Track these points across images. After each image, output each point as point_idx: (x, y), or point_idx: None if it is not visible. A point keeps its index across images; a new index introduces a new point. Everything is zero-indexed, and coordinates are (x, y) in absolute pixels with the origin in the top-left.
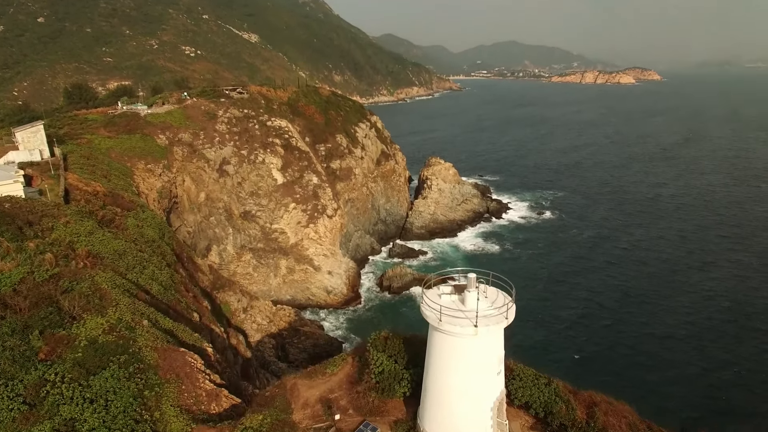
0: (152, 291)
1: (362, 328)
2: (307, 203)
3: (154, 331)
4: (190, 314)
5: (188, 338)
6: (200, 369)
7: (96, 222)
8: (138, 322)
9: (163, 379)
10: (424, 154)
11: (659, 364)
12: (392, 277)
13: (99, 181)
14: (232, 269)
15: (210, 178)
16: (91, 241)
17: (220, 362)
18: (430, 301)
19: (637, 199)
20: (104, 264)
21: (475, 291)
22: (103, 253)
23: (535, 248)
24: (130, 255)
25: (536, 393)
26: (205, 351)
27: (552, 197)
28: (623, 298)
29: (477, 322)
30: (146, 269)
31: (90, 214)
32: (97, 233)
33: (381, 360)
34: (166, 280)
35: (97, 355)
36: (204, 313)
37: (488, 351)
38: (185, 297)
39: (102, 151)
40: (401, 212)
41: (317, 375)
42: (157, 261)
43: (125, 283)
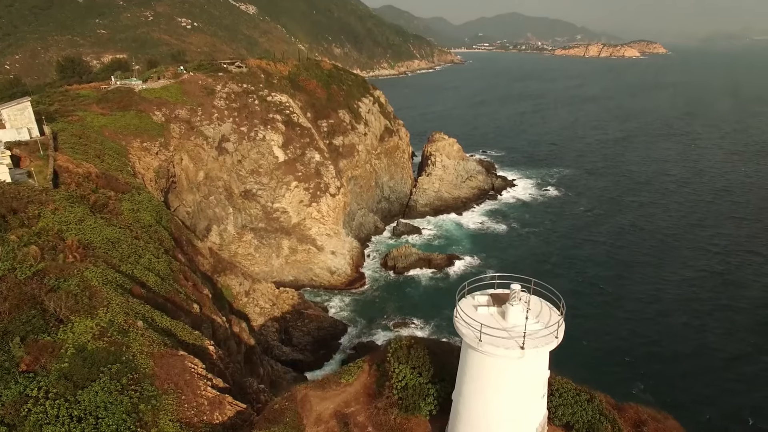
0: (149, 283)
1: (367, 310)
2: (309, 181)
3: (150, 334)
4: (189, 306)
5: (188, 337)
6: (201, 374)
7: (87, 207)
8: (132, 324)
9: (161, 390)
10: (427, 129)
11: (669, 347)
12: (397, 257)
13: (92, 161)
14: (233, 250)
15: (209, 156)
16: (81, 230)
17: (223, 359)
18: (466, 316)
19: (643, 176)
20: (96, 255)
21: (519, 304)
22: (95, 242)
23: (542, 227)
24: (125, 243)
25: (579, 411)
26: (206, 350)
27: (557, 174)
28: (633, 278)
29: (524, 343)
30: (142, 258)
31: (81, 198)
32: (88, 220)
33: (404, 373)
34: (163, 269)
35: (86, 365)
36: (204, 302)
37: (534, 374)
38: (184, 286)
39: (95, 129)
40: (405, 190)
41: (331, 385)
42: (154, 248)
43: (118, 278)
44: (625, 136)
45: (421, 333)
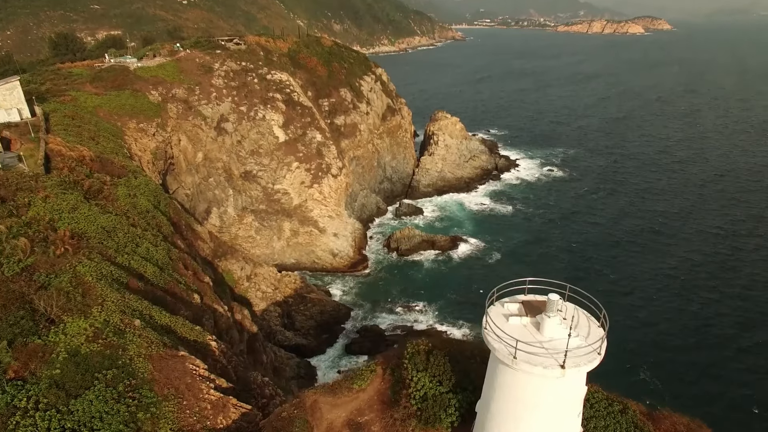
0: (147, 274)
1: (370, 293)
2: (310, 162)
3: (148, 334)
4: (190, 296)
5: (189, 334)
6: (203, 376)
7: (81, 194)
8: (128, 324)
9: (160, 396)
10: (428, 107)
11: (676, 334)
12: (400, 238)
13: (86, 144)
14: (233, 232)
15: (207, 136)
16: (74, 218)
17: (226, 353)
18: (497, 328)
19: (647, 155)
20: (90, 246)
21: (557, 316)
22: (89, 232)
23: (546, 208)
24: (121, 231)
25: (612, 425)
26: (208, 347)
27: (561, 154)
28: (638, 261)
29: (565, 361)
30: (139, 247)
31: (74, 184)
32: (82, 208)
33: (423, 382)
34: (162, 258)
35: (80, 371)
36: (205, 292)
37: (572, 393)
38: (184, 275)
39: (89, 109)
40: (407, 170)
41: (342, 391)
42: (152, 235)
43: (114, 271)
44: (628, 114)
45: (425, 318)
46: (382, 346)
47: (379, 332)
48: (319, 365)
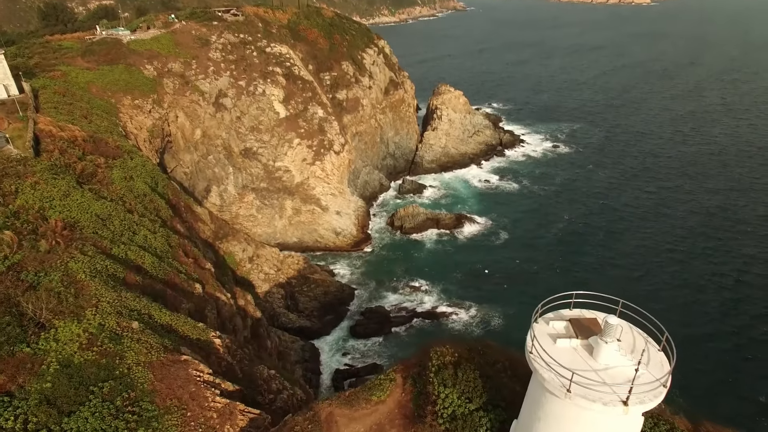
0: (145, 265)
1: (374, 273)
2: (312, 138)
3: (148, 338)
4: (191, 286)
5: (191, 332)
6: (208, 381)
7: (73, 178)
8: (126, 327)
9: (162, 409)
10: (430, 81)
11: (687, 317)
12: (404, 216)
13: (78, 123)
14: (234, 211)
15: (206, 113)
16: (66, 206)
17: (230, 348)
18: (546, 354)
19: (655, 129)
20: (84, 237)
21: (615, 342)
22: (83, 220)
23: (552, 185)
24: (117, 219)
25: None
26: (212, 344)
27: (566, 129)
28: (648, 240)
29: (629, 397)
30: (137, 235)
31: (66, 168)
32: (74, 194)
33: (451, 398)
34: (161, 246)
35: (73, 384)
36: (207, 280)
37: (631, 428)
38: (185, 263)
39: (80, 85)
40: (411, 145)
41: (359, 402)
42: (150, 221)
43: (109, 266)
44: (633, 87)
45: (430, 298)
46: (387, 328)
47: (384, 314)
48: (323, 348)
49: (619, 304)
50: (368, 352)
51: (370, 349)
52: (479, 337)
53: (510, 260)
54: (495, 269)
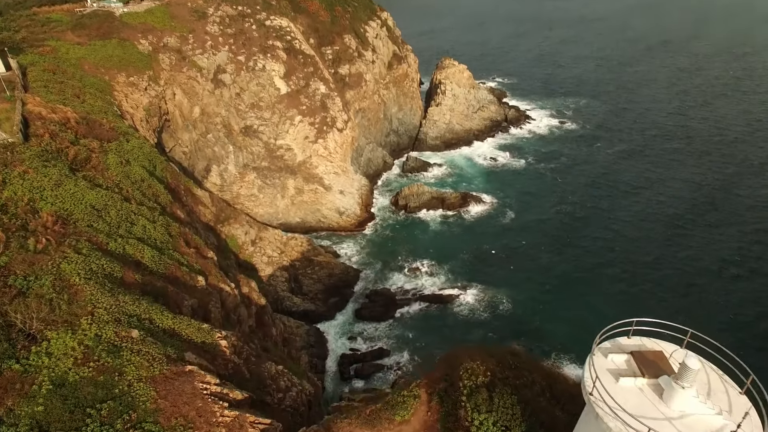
0: (144, 260)
1: (379, 253)
2: (314, 115)
3: (149, 347)
4: (194, 279)
5: (195, 335)
6: (215, 393)
7: (66, 165)
8: (125, 337)
9: (167, 429)
10: (430, 54)
11: (700, 302)
12: (408, 195)
13: (70, 103)
14: (235, 191)
15: (204, 89)
16: (59, 197)
17: (236, 346)
18: (610, 398)
19: (663, 103)
20: (77, 232)
21: (692, 389)
22: (76, 213)
23: (560, 163)
24: (113, 209)
25: None
26: (217, 347)
27: (573, 104)
28: (655, 220)
29: None
30: (135, 226)
31: (58, 154)
32: (67, 183)
33: (486, 426)
34: (161, 237)
35: (68, 407)
36: (210, 270)
37: None
38: (186, 254)
39: (72, 62)
40: (414, 122)
41: (382, 422)
42: (149, 209)
43: (105, 264)
44: (638, 60)
45: (436, 280)
46: (393, 311)
47: (389, 296)
48: (328, 332)
49: (687, 335)
50: (374, 335)
51: (375, 332)
52: (505, 344)
53: (516, 241)
54: (501, 250)
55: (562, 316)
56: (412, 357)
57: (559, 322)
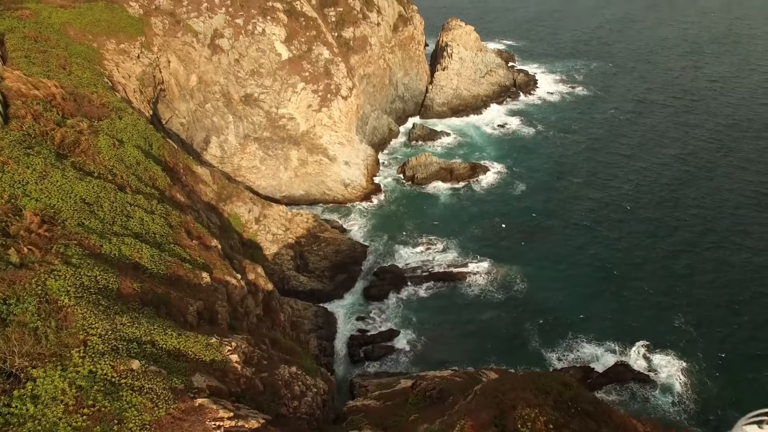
0: (143, 261)
1: (386, 227)
2: (318, 82)
3: (152, 381)
4: (198, 277)
5: (203, 353)
6: (230, 429)
7: (52, 152)
8: (124, 372)
9: None
10: (431, 13)
11: (710, 278)
12: (416, 166)
13: (55, 76)
14: (236, 163)
15: (201, 56)
16: (44, 191)
17: (247, 353)
18: None
19: (677, 68)
20: (67, 234)
21: None
22: (65, 209)
23: (572, 131)
24: (107, 201)
25: None
26: (228, 363)
27: (584, 68)
28: (671, 195)
29: None
30: (131, 219)
31: (42, 138)
32: (53, 174)
33: None
34: (160, 229)
35: None
36: (215, 262)
37: None
38: (189, 247)
39: (55, 28)
40: (420, 87)
41: None
42: (146, 199)
43: (99, 275)
44: (652, 18)
45: (446, 255)
46: (403, 290)
47: (398, 273)
48: (337, 312)
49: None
50: (383, 315)
51: (385, 312)
52: (552, 371)
53: (527, 214)
54: (512, 224)
55: (575, 296)
56: (424, 338)
57: (573, 301)
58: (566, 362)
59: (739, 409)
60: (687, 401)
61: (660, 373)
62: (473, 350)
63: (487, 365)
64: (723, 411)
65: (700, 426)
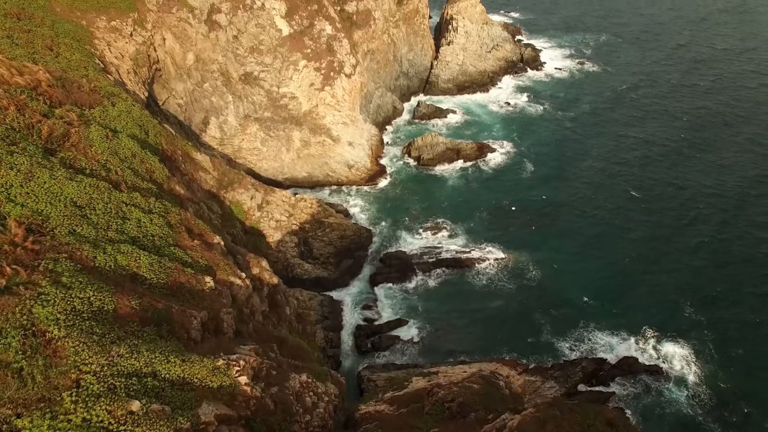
0: (141, 270)
1: (392, 211)
2: (320, 60)
3: (155, 425)
4: (201, 283)
5: (209, 379)
6: None
7: (39, 148)
8: (123, 417)
9: None
10: None
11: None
12: (422, 146)
13: (41, 59)
14: (236, 144)
15: (197, 33)
16: (31, 195)
17: (257, 369)
18: None
19: (690, 41)
20: (56, 246)
21: None
22: (54, 215)
23: (581, 110)
24: (100, 201)
25: None
26: (237, 386)
27: (593, 41)
28: (686, 178)
29: None
30: (128, 221)
31: (27, 132)
32: (40, 174)
33: None
34: (159, 230)
35: None
36: (218, 263)
37: None
38: (190, 248)
39: (39, 4)
40: (425, 62)
41: None
42: (142, 197)
43: (93, 296)
44: None
45: (454, 241)
46: (410, 277)
47: (405, 260)
48: (344, 300)
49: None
50: (390, 304)
51: (392, 300)
52: (594, 405)
53: (537, 197)
54: (522, 207)
55: (587, 283)
56: (432, 327)
57: (585, 289)
58: (578, 352)
59: (755, 403)
60: (702, 395)
61: (673, 364)
62: (483, 339)
63: (498, 355)
64: (738, 405)
65: (715, 421)
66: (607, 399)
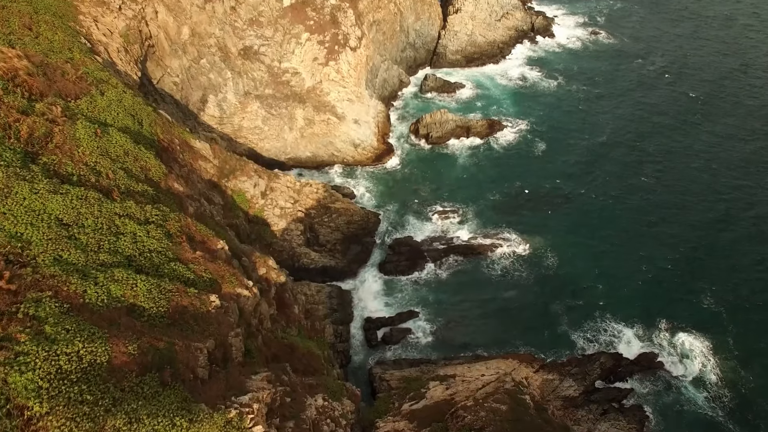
0: (138, 300)
1: (400, 193)
2: (324, 32)
3: None
4: (205, 304)
5: (216, 424)
6: None
7: (18, 154)
8: None
9: None
10: None
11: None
12: (430, 124)
13: (18, 40)
14: (236, 123)
15: (192, 4)
16: (9, 216)
17: (271, 403)
18: None
19: (710, 7)
20: (39, 280)
21: None
22: (36, 240)
23: (595, 84)
24: (89, 216)
25: None
26: None
27: (607, 10)
28: (709, 158)
29: None
30: (122, 238)
31: (3, 133)
32: (19, 189)
33: None
34: (158, 244)
35: None
36: (222, 275)
37: None
38: (192, 261)
39: None
40: (432, 32)
41: None
42: (137, 204)
43: (82, 348)
44: None
45: (465, 226)
46: (421, 265)
47: (415, 247)
48: (351, 291)
49: None
50: (401, 295)
51: (402, 291)
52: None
53: (550, 179)
54: (535, 189)
55: (605, 272)
56: (444, 319)
57: (602, 279)
58: (596, 345)
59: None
60: (722, 395)
61: (693, 361)
62: (497, 332)
63: (513, 349)
64: (760, 406)
65: (736, 423)
66: (625, 396)
